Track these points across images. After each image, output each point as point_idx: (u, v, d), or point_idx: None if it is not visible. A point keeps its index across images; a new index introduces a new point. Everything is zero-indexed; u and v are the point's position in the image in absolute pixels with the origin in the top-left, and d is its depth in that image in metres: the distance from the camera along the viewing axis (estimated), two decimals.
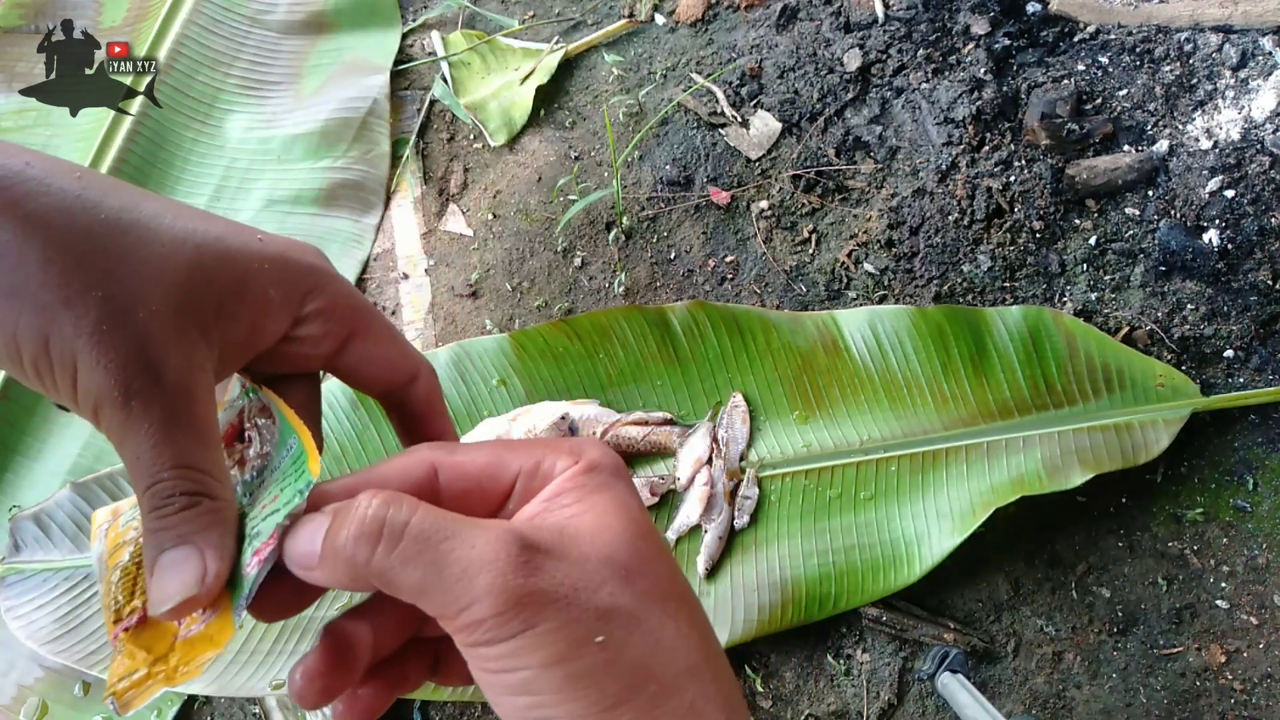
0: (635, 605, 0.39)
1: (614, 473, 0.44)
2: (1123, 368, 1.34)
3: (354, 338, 0.46)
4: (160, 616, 0.39)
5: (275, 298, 0.43)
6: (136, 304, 0.38)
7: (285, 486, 0.42)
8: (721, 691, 0.40)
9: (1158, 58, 1.54)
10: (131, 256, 0.39)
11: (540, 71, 1.73)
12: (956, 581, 1.33)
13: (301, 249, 0.45)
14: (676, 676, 0.39)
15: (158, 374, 0.38)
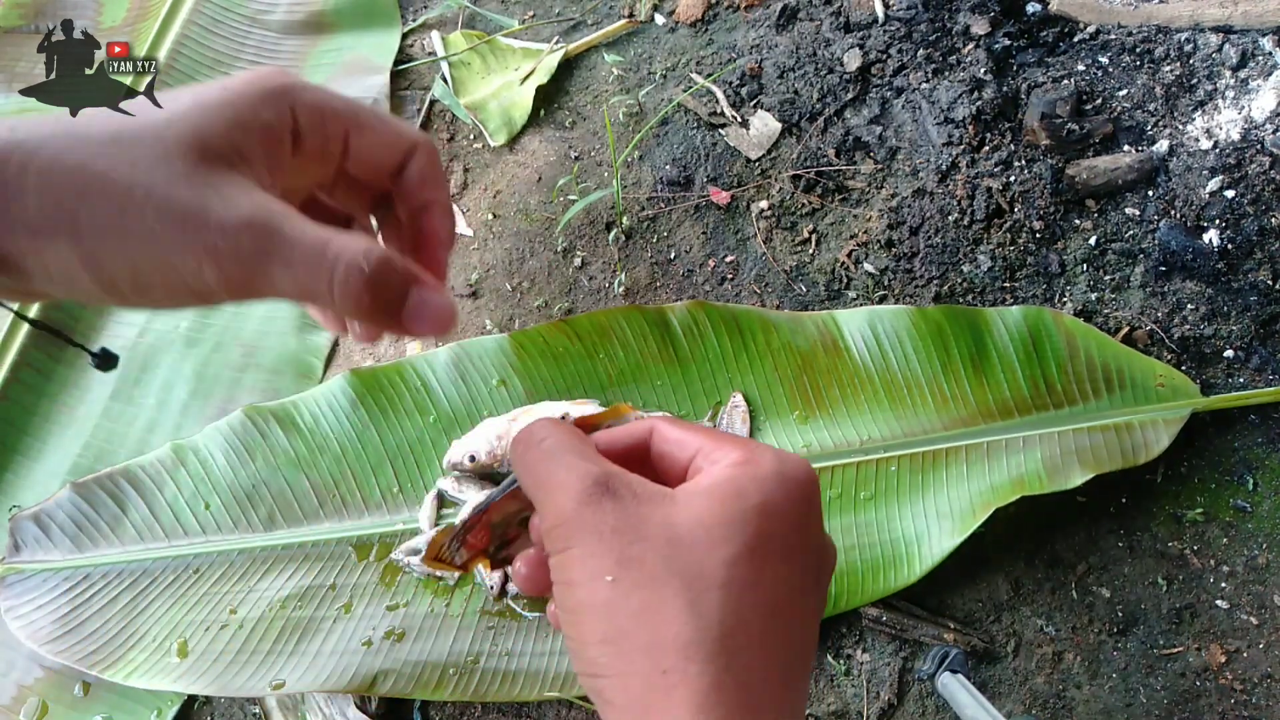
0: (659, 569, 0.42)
1: (766, 480, 0.45)
2: (1123, 368, 1.34)
3: (350, 138, 0.48)
4: None
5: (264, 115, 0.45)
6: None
7: None
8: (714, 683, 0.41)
9: (1158, 58, 1.54)
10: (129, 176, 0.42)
11: (540, 71, 1.73)
12: (956, 581, 1.33)
13: (262, 79, 0.46)
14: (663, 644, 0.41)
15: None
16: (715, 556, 0.42)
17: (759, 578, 0.43)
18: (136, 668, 1.28)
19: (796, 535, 0.45)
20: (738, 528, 0.43)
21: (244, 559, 1.35)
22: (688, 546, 0.42)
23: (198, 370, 1.53)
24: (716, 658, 0.40)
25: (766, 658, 0.42)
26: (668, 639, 0.41)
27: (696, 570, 0.42)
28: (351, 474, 1.38)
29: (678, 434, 0.49)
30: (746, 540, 0.43)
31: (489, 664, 1.27)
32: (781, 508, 0.45)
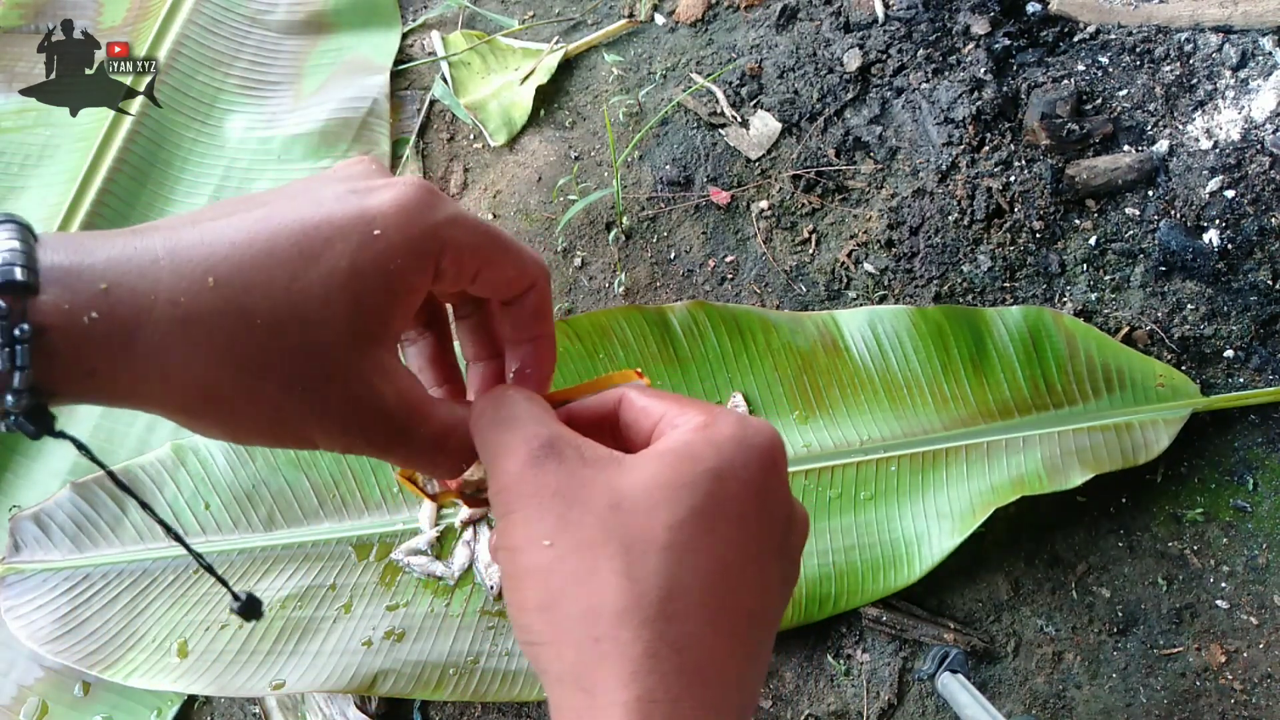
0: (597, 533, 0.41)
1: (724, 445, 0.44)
2: (1123, 368, 1.34)
3: (481, 271, 0.48)
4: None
5: (414, 279, 0.45)
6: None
7: None
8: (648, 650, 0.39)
9: (1158, 58, 1.54)
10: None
11: (540, 71, 1.73)
12: (956, 581, 1.33)
13: (413, 221, 0.44)
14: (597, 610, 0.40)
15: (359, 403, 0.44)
16: (657, 519, 0.41)
17: (705, 542, 0.41)
18: (136, 668, 1.28)
19: (754, 500, 0.43)
20: (686, 491, 0.41)
21: (244, 559, 1.35)
22: (629, 511, 0.41)
23: None
24: (652, 623, 0.39)
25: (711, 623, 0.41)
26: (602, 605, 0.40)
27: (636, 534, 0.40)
28: (351, 474, 1.38)
29: (644, 401, 0.49)
30: (695, 504, 0.41)
31: (489, 664, 1.27)
32: (738, 472, 0.43)
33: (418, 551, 1.33)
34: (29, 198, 1.63)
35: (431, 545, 1.33)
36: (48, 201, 1.61)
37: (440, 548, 1.34)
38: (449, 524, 1.35)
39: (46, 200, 1.61)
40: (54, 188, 1.62)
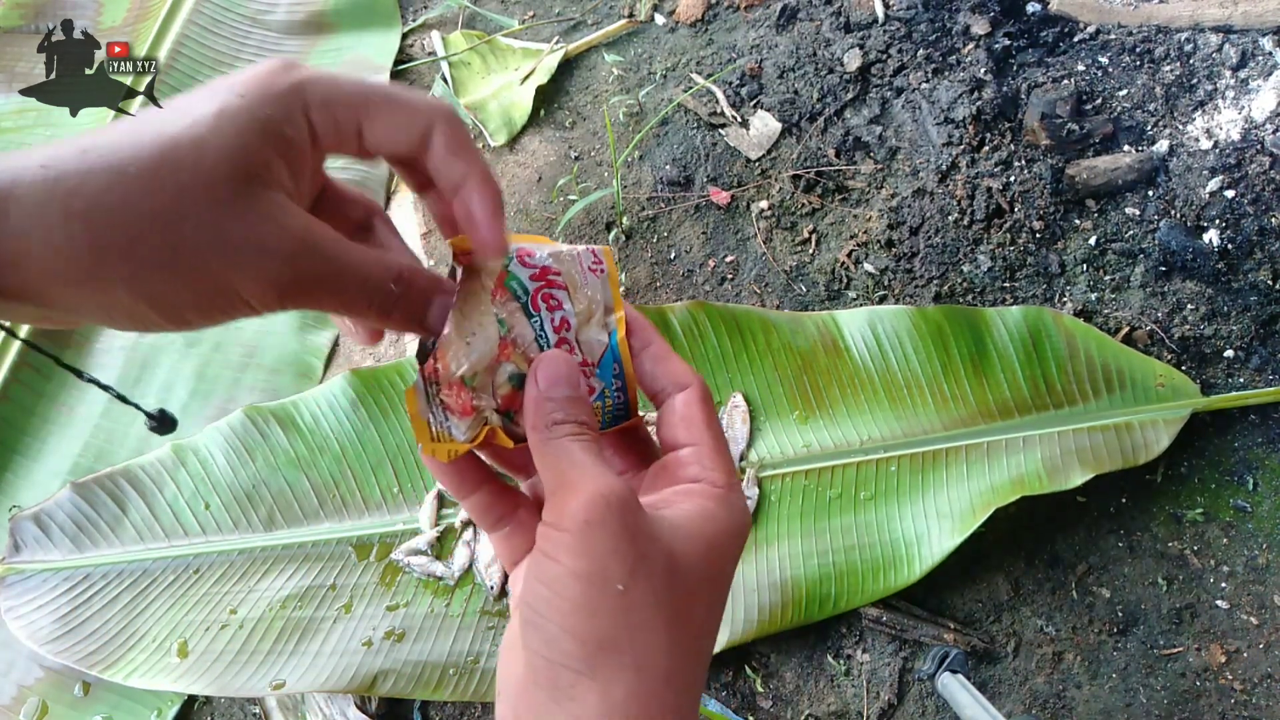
0: (660, 596, 0.45)
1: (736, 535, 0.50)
2: (1123, 368, 1.34)
3: (362, 123, 0.48)
4: None
5: (285, 130, 0.45)
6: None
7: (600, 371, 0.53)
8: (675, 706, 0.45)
9: (1158, 58, 1.55)
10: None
11: (540, 71, 1.74)
12: (956, 582, 1.33)
13: (272, 79, 0.45)
14: (650, 668, 0.45)
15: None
16: (699, 600, 0.47)
17: (714, 621, 0.49)
18: (136, 668, 1.28)
19: (726, 578, 0.50)
20: (712, 584, 0.48)
21: (244, 559, 1.35)
22: (681, 581, 0.46)
23: (198, 370, 1.53)
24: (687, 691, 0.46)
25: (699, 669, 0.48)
26: (655, 665, 0.45)
27: (683, 606, 0.46)
28: (352, 474, 1.38)
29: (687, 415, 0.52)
30: (713, 594, 0.49)
31: (489, 664, 1.27)
32: (732, 554, 0.50)
33: (418, 552, 1.33)
34: None
35: (432, 545, 1.33)
36: None
37: (440, 548, 1.34)
38: (449, 524, 1.35)
39: None
40: None
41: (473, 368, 0.49)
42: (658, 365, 0.54)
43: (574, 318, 0.52)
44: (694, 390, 0.53)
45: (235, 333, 1.56)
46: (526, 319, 0.51)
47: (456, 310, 0.49)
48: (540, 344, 0.51)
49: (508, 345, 0.50)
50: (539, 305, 0.51)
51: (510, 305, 0.50)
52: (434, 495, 1.35)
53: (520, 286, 0.51)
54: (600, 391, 0.53)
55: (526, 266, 0.51)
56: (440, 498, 1.36)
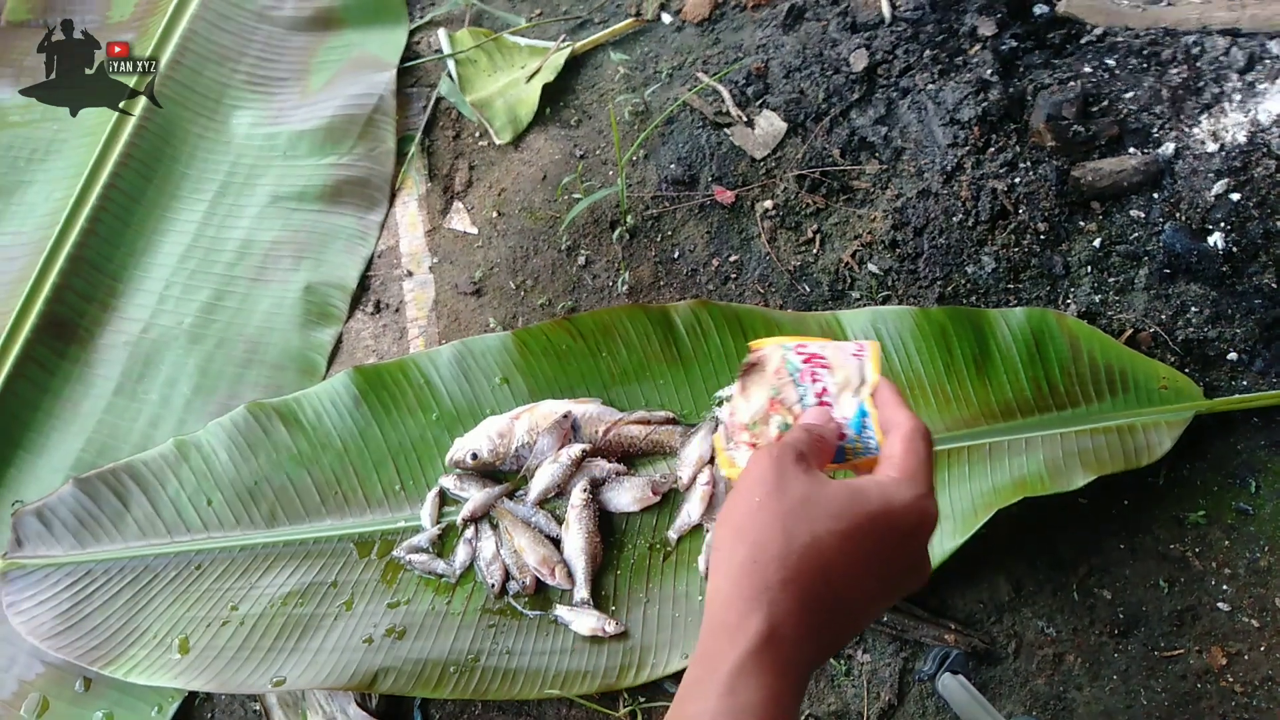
0: (786, 509, 0.63)
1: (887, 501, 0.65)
2: (1126, 370, 1.34)
3: None
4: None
5: None
6: None
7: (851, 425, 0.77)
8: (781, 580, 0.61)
9: (1164, 60, 1.54)
10: None
11: (546, 70, 1.74)
12: (958, 582, 1.33)
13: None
14: (763, 546, 0.62)
15: None
16: (819, 522, 0.62)
17: (838, 549, 0.62)
18: (138, 664, 1.28)
19: (886, 545, 0.64)
20: (844, 518, 0.62)
21: (246, 555, 1.35)
22: (808, 509, 0.63)
23: (201, 366, 1.53)
24: (789, 567, 0.61)
25: (820, 591, 0.61)
26: (768, 544, 0.61)
27: (804, 522, 0.62)
28: (354, 471, 1.38)
29: (894, 437, 0.71)
30: (844, 527, 0.62)
31: (489, 662, 1.27)
32: (884, 524, 0.64)
33: (419, 549, 1.33)
34: (35, 192, 1.63)
35: (433, 543, 1.33)
36: (53, 196, 1.61)
37: (442, 545, 1.34)
38: (450, 522, 1.35)
39: (52, 195, 1.62)
40: (60, 183, 1.63)
41: (751, 418, 0.78)
42: (884, 410, 0.75)
43: (833, 387, 0.78)
44: (905, 425, 0.71)
45: (238, 329, 1.56)
46: (795, 388, 0.78)
47: (740, 385, 0.80)
48: (803, 403, 0.78)
49: (776, 404, 0.78)
50: (805, 379, 0.79)
51: (785, 379, 0.79)
52: (436, 493, 1.35)
53: (793, 368, 0.79)
54: (850, 437, 0.76)
55: (799, 354, 0.80)
56: (442, 495, 1.36)
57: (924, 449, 0.69)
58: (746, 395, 0.79)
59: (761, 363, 0.80)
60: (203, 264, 1.61)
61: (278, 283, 1.60)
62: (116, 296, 1.58)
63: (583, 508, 1.30)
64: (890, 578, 0.66)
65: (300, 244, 1.63)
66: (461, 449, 1.33)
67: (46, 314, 1.52)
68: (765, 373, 0.80)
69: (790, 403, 0.77)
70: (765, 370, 0.80)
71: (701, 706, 0.59)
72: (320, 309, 1.58)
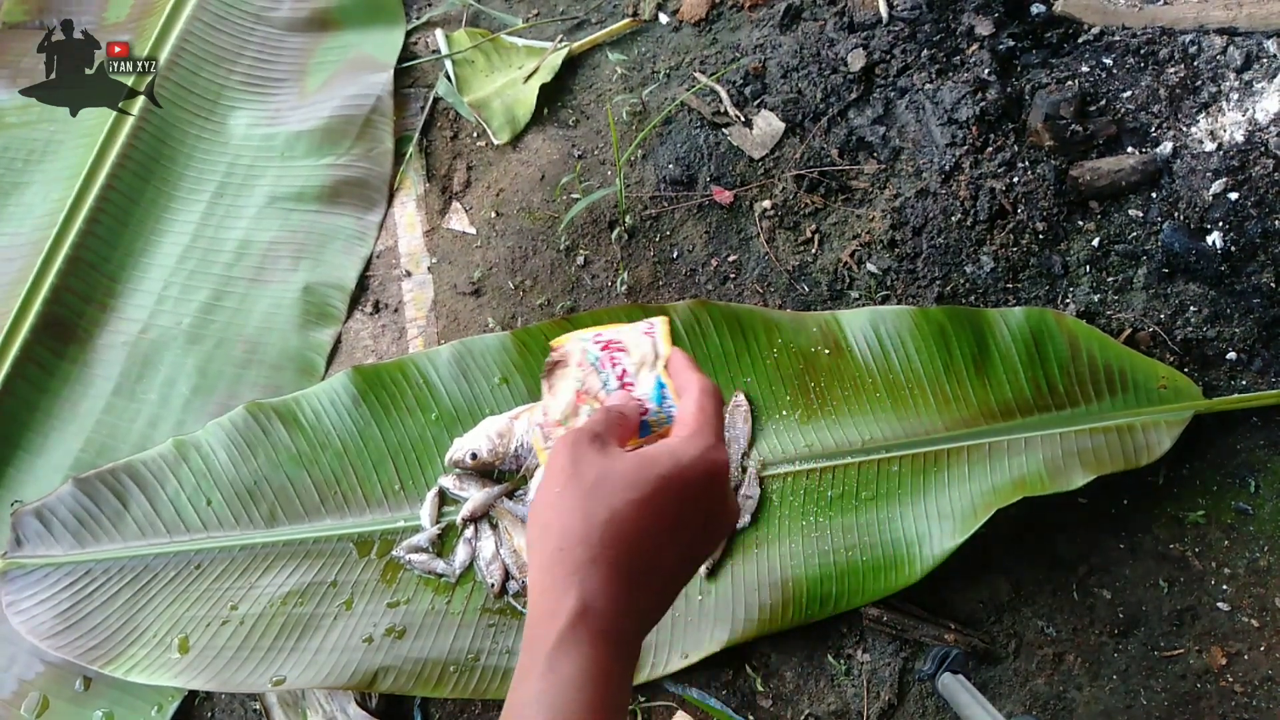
0: (582, 492, 0.65)
1: (675, 461, 0.67)
2: (1125, 369, 1.34)
3: None
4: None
5: None
6: None
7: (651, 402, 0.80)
8: (588, 559, 0.63)
9: (1162, 60, 1.54)
10: None
11: (544, 70, 1.74)
12: (957, 582, 1.33)
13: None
14: (565, 532, 0.63)
15: None
16: (616, 495, 0.64)
17: (635, 515, 0.64)
18: (137, 663, 1.28)
19: (682, 500, 0.66)
20: (638, 484, 0.64)
21: (245, 555, 1.35)
22: (602, 485, 0.64)
23: (200, 366, 1.53)
24: (593, 545, 0.62)
25: (628, 558, 0.63)
26: (569, 529, 0.63)
27: (601, 499, 0.64)
28: (353, 471, 1.38)
29: (684, 401, 0.74)
30: (639, 494, 0.64)
31: (489, 661, 1.27)
32: (675, 480, 0.66)
33: (419, 549, 1.33)
34: (33, 193, 1.63)
35: (433, 542, 1.33)
36: (51, 197, 1.61)
37: (441, 545, 1.34)
38: (450, 521, 1.35)
39: (50, 196, 1.61)
40: (58, 183, 1.62)
41: (562, 413, 0.80)
42: (677, 378, 0.78)
43: (632, 367, 0.82)
44: (694, 386, 0.74)
45: (237, 329, 1.56)
46: (597, 375, 0.82)
47: (547, 383, 0.83)
48: (606, 389, 0.81)
49: (582, 395, 0.81)
50: (605, 366, 0.82)
51: (587, 370, 0.82)
52: (435, 492, 1.35)
53: (594, 358, 0.83)
54: (653, 410, 0.78)
55: (597, 343, 0.85)
56: (441, 495, 1.36)
57: (710, 404, 0.72)
58: (554, 392, 0.82)
59: (565, 359, 0.85)
60: (201, 264, 1.60)
61: (276, 283, 1.60)
62: (115, 297, 1.57)
63: None
64: (695, 530, 0.69)
65: (299, 244, 1.63)
66: (461, 449, 1.33)
67: (45, 314, 1.52)
68: (569, 367, 0.84)
69: (595, 390, 0.81)
70: (569, 364, 0.84)
71: (525, 689, 0.61)
72: (319, 309, 1.58)
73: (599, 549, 0.63)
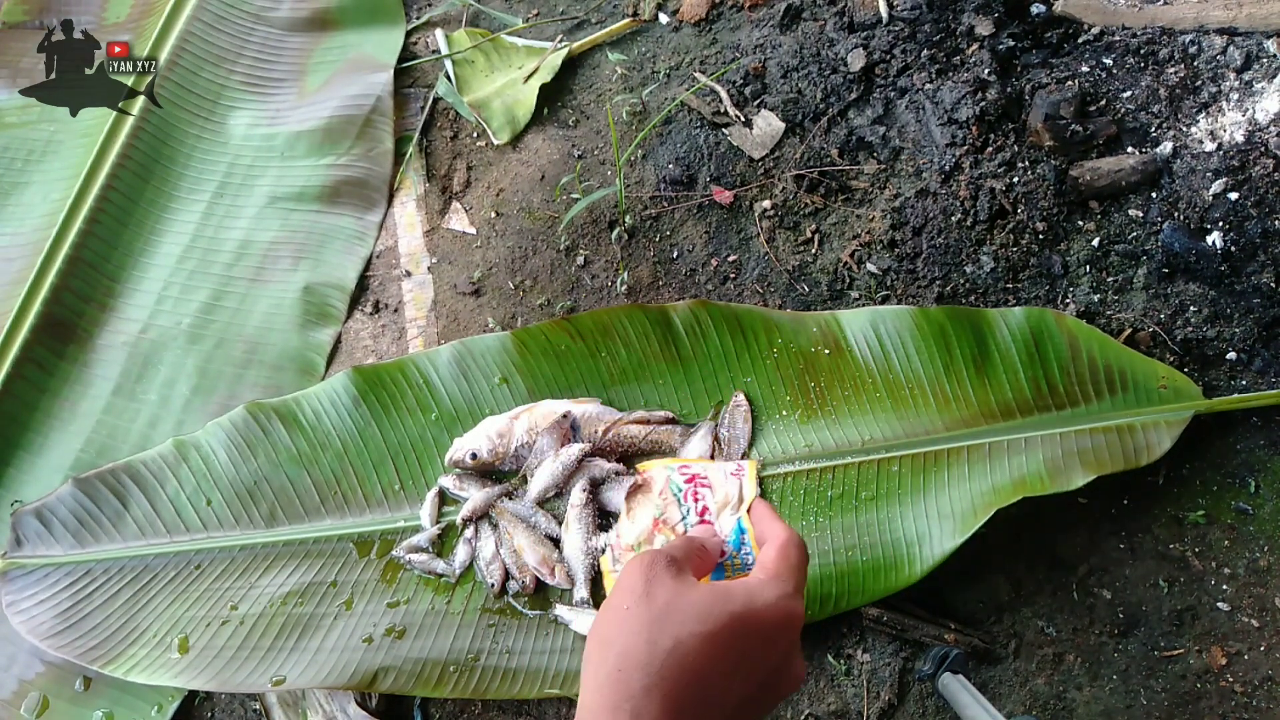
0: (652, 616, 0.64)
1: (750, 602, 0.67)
2: (1125, 369, 1.34)
3: None
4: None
5: None
6: None
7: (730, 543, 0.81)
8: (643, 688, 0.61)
9: (1162, 60, 1.54)
10: None
11: (544, 70, 1.74)
12: (957, 582, 1.33)
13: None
14: (626, 654, 0.63)
15: None
16: (684, 626, 0.63)
17: (703, 650, 0.62)
18: (137, 663, 1.28)
19: (750, 644, 0.65)
20: (709, 619, 0.63)
21: (245, 555, 1.35)
22: (672, 612, 0.63)
23: (200, 366, 1.53)
24: (652, 674, 0.61)
25: (685, 693, 0.61)
26: (632, 652, 0.62)
27: (668, 627, 0.63)
28: (353, 471, 1.38)
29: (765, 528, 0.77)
30: (708, 629, 0.63)
31: (489, 661, 1.27)
32: (748, 622, 0.65)
33: (419, 549, 1.33)
34: (32, 194, 1.63)
35: (433, 542, 1.33)
36: (51, 198, 1.61)
37: (441, 545, 1.34)
38: (450, 521, 1.35)
39: (50, 196, 1.61)
40: (57, 184, 1.62)
41: (637, 539, 0.82)
42: (760, 525, 0.78)
43: (714, 505, 0.84)
44: (780, 535, 0.73)
45: (237, 329, 1.56)
46: (678, 507, 0.83)
47: (626, 506, 0.82)
48: (685, 522, 0.81)
49: (660, 524, 0.82)
50: (688, 499, 0.83)
51: (669, 499, 0.82)
52: (435, 493, 1.35)
53: (676, 488, 0.83)
54: (729, 553, 0.78)
55: (682, 475, 0.84)
56: (441, 495, 1.36)
57: (795, 555, 0.71)
58: (632, 517, 0.83)
59: (648, 485, 0.84)
60: (201, 264, 1.60)
61: (276, 283, 1.60)
62: (115, 297, 1.58)
63: (582, 507, 1.30)
64: (759, 676, 0.66)
65: (299, 244, 1.63)
66: (461, 449, 1.33)
67: (45, 314, 1.52)
68: (651, 493, 0.83)
69: (674, 522, 0.82)
70: (651, 491, 0.83)
71: None
72: (319, 309, 1.58)
73: (658, 679, 0.61)
